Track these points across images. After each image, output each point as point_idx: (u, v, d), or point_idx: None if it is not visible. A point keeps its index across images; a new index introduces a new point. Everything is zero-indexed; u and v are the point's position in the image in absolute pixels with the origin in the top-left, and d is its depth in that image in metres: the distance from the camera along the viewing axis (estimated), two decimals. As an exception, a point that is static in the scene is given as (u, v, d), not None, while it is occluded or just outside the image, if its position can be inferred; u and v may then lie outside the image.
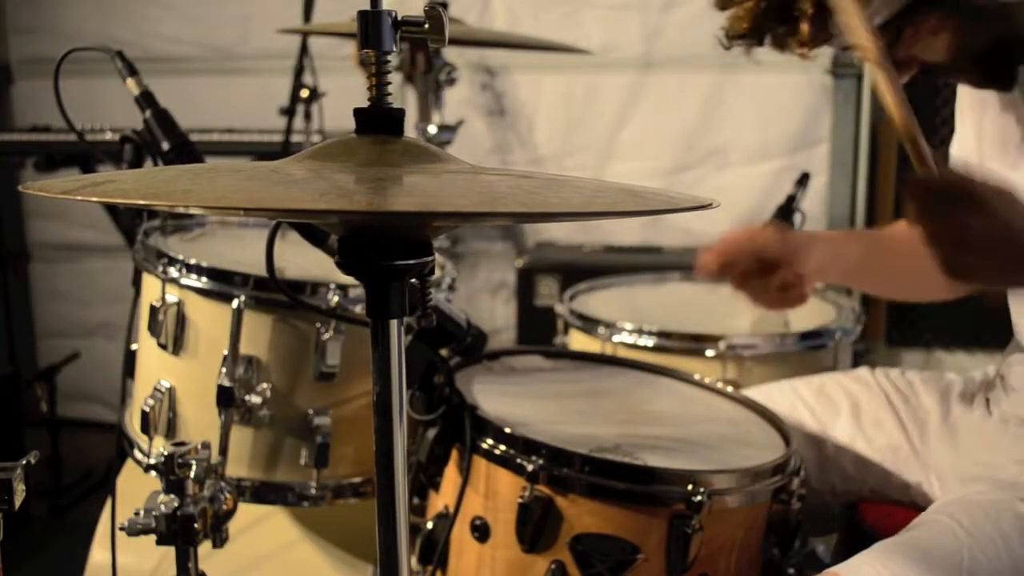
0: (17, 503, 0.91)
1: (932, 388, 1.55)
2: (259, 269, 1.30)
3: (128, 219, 1.67)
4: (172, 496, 1.13)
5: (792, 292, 1.48)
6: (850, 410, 1.54)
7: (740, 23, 1.22)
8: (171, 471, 1.13)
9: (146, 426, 1.42)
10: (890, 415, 1.53)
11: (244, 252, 1.56)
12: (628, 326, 1.88)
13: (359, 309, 1.36)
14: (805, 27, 1.17)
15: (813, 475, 1.50)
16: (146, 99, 1.47)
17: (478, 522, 1.22)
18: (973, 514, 1.15)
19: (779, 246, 1.46)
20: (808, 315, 1.92)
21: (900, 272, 1.59)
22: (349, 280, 0.82)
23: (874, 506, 1.52)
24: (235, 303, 1.35)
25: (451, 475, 1.28)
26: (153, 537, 1.13)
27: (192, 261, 1.40)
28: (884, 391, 1.56)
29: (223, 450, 1.36)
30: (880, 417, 1.53)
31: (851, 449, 1.52)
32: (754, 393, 1.55)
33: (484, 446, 1.21)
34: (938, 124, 2.99)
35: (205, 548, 1.17)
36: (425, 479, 1.31)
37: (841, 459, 1.52)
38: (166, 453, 1.13)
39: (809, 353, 1.88)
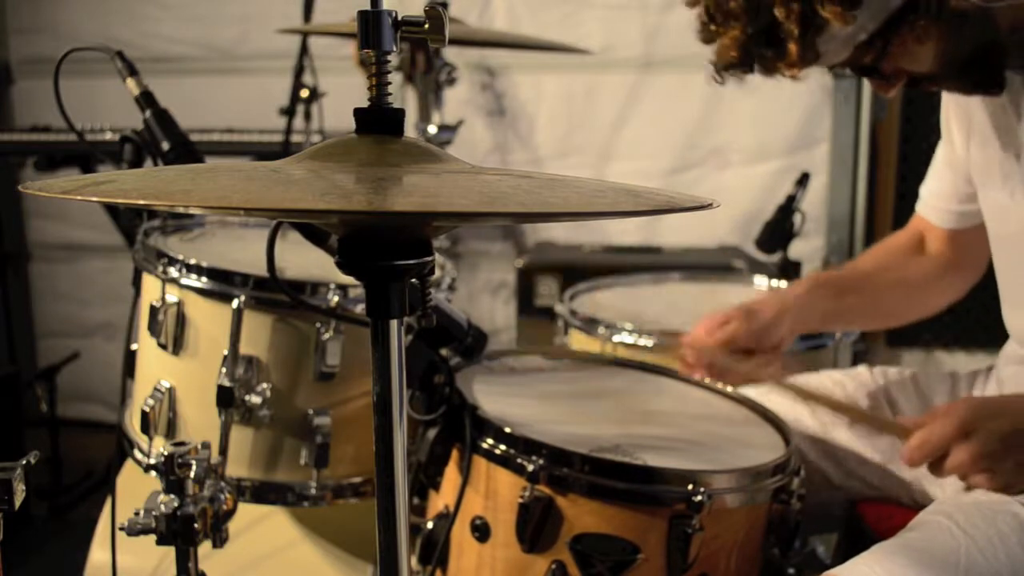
0: (17, 503, 0.91)
1: (932, 386, 1.56)
2: (259, 269, 1.30)
3: (128, 219, 1.67)
4: (172, 496, 1.13)
5: (767, 369, 1.50)
6: None
7: (728, 52, 1.23)
8: (171, 471, 1.13)
9: (146, 426, 1.42)
10: (889, 413, 1.53)
11: (244, 252, 1.57)
12: (628, 326, 1.88)
13: (359, 309, 1.36)
14: (793, 48, 1.17)
15: (813, 474, 1.50)
16: (146, 99, 1.47)
17: (478, 522, 1.22)
18: (971, 515, 1.15)
19: (747, 335, 1.48)
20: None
21: (875, 307, 1.62)
22: (349, 280, 0.82)
23: (874, 506, 1.52)
24: (235, 303, 1.35)
25: (451, 475, 1.28)
26: (153, 537, 1.13)
27: (192, 261, 1.40)
28: (883, 389, 1.56)
29: (223, 450, 1.36)
30: (879, 416, 1.53)
31: (851, 448, 1.52)
32: (754, 393, 1.55)
33: (484, 446, 1.21)
34: (935, 123, 2.99)
35: (205, 548, 1.17)
36: (425, 479, 1.30)
37: (841, 458, 1.52)
38: (166, 453, 1.13)
39: (809, 353, 1.88)
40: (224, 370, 1.35)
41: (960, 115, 1.42)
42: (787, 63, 1.20)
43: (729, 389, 1.52)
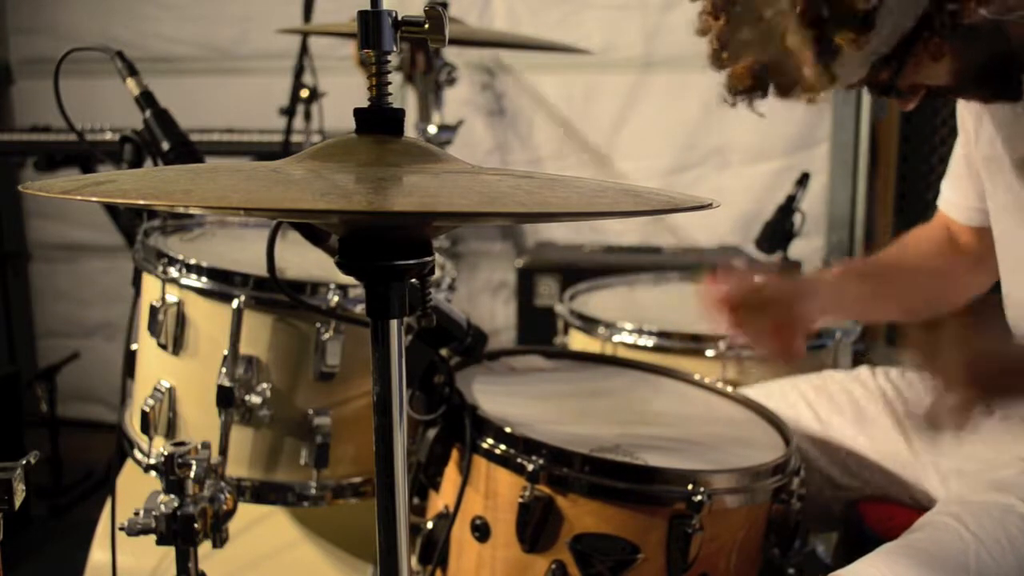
0: (17, 503, 0.91)
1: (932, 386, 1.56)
2: (259, 269, 1.30)
3: (128, 219, 1.67)
4: (172, 496, 1.13)
5: (787, 341, 1.48)
6: (851, 409, 1.54)
7: (742, 80, 1.22)
8: (171, 471, 1.13)
9: (146, 426, 1.42)
10: (890, 414, 1.53)
11: (244, 252, 1.57)
12: (628, 326, 1.88)
13: (359, 309, 1.36)
14: (809, 74, 1.17)
15: (814, 473, 1.50)
16: (146, 99, 1.47)
17: (478, 522, 1.22)
18: (978, 516, 1.15)
19: (778, 290, 1.47)
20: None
21: (907, 296, 1.60)
22: (349, 280, 0.82)
23: (875, 506, 1.52)
24: (235, 303, 1.35)
25: (451, 475, 1.28)
26: (153, 537, 1.13)
27: (192, 261, 1.40)
28: (884, 391, 1.56)
29: (223, 450, 1.36)
30: (881, 416, 1.53)
31: (852, 447, 1.52)
32: (754, 392, 1.55)
33: (484, 446, 1.22)
34: (938, 124, 2.99)
35: (205, 548, 1.17)
36: (425, 479, 1.31)
37: (842, 457, 1.52)
38: (166, 453, 1.13)
39: (809, 353, 1.88)
40: (224, 370, 1.35)
41: (973, 110, 1.41)
42: (803, 88, 1.19)
43: (729, 389, 1.52)
